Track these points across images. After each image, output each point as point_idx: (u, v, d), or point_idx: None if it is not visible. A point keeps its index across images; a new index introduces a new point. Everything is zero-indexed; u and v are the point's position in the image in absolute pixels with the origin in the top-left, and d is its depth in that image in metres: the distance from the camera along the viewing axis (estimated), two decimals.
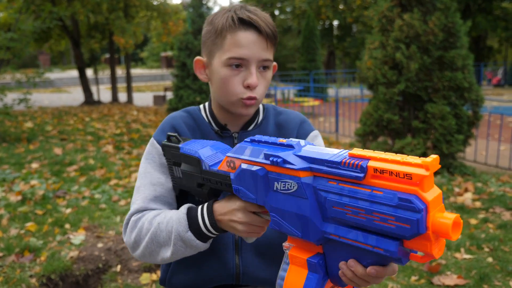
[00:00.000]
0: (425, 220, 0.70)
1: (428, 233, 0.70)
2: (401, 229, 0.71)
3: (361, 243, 0.79)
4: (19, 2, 11.47)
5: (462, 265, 3.22)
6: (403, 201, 0.71)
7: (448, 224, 0.69)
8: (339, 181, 0.81)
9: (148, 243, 1.18)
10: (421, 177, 0.70)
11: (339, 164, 0.81)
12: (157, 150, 1.30)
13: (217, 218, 1.10)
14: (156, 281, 3.08)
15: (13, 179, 5.59)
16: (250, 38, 1.19)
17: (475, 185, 5.13)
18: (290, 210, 0.89)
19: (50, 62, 43.37)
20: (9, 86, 9.51)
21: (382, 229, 0.75)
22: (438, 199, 0.72)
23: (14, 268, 3.12)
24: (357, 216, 0.77)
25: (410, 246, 0.74)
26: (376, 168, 0.75)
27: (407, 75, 5.61)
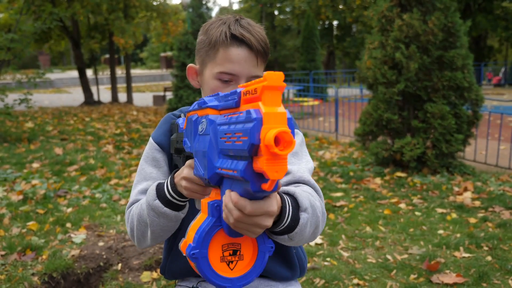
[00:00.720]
0: (258, 131, 0.70)
1: (261, 146, 0.70)
2: (244, 143, 0.72)
3: (228, 169, 0.80)
4: (20, 3, 11.50)
5: (461, 264, 3.24)
6: (248, 113, 0.73)
7: (271, 135, 0.69)
8: (228, 113, 0.85)
9: (138, 226, 1.24)
10: (261, 88, 0.72)
11: (228, 96, 0.86)
12: (152, 145, 1.35)
13: (175, 181, 1.13)
14: (156, 279, 3.10)
15: (14, 178, 5.61)
16: (241, 54, 1.22)
17: (474, 185, 5.15)
18: (201, 150, 0.93)
19: (50, 63, 43.38)
20: (9, 87, 9.54)
21: (237, 148, 0.75)
22: (280, 117, 0.72)
23: (16, 267, 3.14)
24: (229, 142, 0.79)
25: (256, 167, 0.73)
26: (245, 91, 0.78)
27: (406, 75, 5.63)
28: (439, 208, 4.48)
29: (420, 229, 3.94)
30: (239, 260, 0.93)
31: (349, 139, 8.65)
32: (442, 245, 3.57)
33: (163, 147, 1.34)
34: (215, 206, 0.90)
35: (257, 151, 0.72)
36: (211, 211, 0.90)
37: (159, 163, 1.34)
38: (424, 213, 4.35)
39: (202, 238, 0.88)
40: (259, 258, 0.95)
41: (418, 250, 3.50)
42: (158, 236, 1.23)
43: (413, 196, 4.86)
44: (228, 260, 0.92)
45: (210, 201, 0.92)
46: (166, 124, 1.37)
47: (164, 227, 1.20)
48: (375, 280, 3.07)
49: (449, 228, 3.95)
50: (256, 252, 0.95)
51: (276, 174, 0.71)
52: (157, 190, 1.17)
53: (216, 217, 0.90)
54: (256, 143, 0.70)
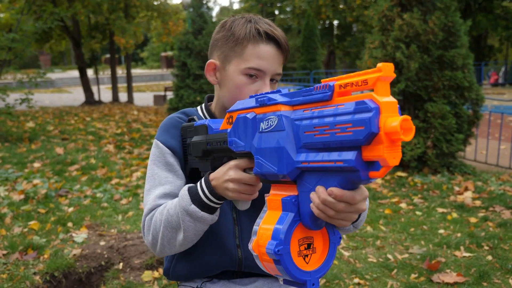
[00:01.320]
0: (377, 120, 0.73)
1: (380, 134, 0.73)
2: (357, 132, 0.75)
3: (326, 161, 0.82)
4: (21, 3, 11.50)
5: (462, 263, 3.24)
6: (359, 104, 0.75)
7: (395, 123, 0.71)
8: (312, 108, 0.87)
9: (164, 232, 1.22)
10: (375, 79, 0.75)
11: (312, 91, 0.87)
12: (161, 150, 1.34)
13: (213, 184, 1.13)
14: (158, 278, 3.11)
15: (15, 178, 5.62)
16: (270, 51, 1.25)
17: (475, 184, 5.16)
18: (270, 146, 0.94)
19: (50, 62, 43.39)
20: (10, 86, 9.55)
21: (342, 140, 0.77)
22: (393, 105, 0.75)
23: (18, 266, 3.15)
24: (323, 135, 0.81)
25: (367, 155, 0.76)
26: (341, 84, 0.81)
27: (407, 75, 5.64)
28: (439, 207, 4.48)
29: (420, 229, 3.95)
30: (312, 253, 0.95)
31: None
32: (442, 245, 3.57)
33: (175, 151, 1.33)
34: (293, 201, 0.92)
35: (372, 140, 0.75)
36: (290, 207, 0.91)
37: (173, 167, 1.33)
38: (424, 213, 4.35)
39: (285, 234, 0.89)
40: (330, 249, 0.97)
41: (418, 249, 3.51)
42: (190, 241, 1.22)
43: (413, 196, 4.87)
44: (304, 254, 0.93)
45: (285, 197, 0.93)
46: (175, 129, 1.36)
47: (198, 231, 1.20)
48: (375, 279, 3.07)
49: (449, 227, 3.96)
50: (327, 243, 0.97)
51: (394, 160, 0.75)
52: (191, 194, 1.16)
53: (295, 212, 0.91)
54: (376, 132, 0.73)
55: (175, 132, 1.35)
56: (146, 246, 3.51)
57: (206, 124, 1.21)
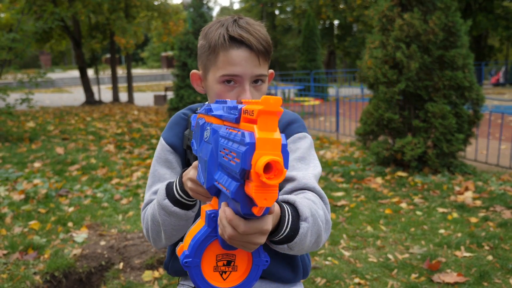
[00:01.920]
0: (250, 157, 0.69)
1: (251, 171, 0.69)
2: (236, 165, 0.72)
3: (221, 184, 0.79)
4: (21, 3, 11.50)
5: (462, 263, 3.24)
6: (242, 136, 0.72)
7: (260, 163, 0.67)
8: (229, 126, 0.84)
9: (152, 226, 1.25)
10: (257, 112, 0.70)
11: (232, 109, 0.85)
12: (163, 146, 1.37)
13: (183, 181, 1.13)
14: (158, 278, 3.11)
15: (16, 178, 5.62)
16: (242, 55, 1.20)
17: (475, 184, 5.15)
18: (203, 158, 0.93)
19: (51, 62, 43.39)
20: (11, 86, 9.55)
21: (231, 168, 0.75)
22: (274, 143, 0.70)
23: (18, 266, 3.15)
24: (226, 158, 0.78)
25: (247, 191, 0.73)
26: (245, 109, 0.77)
27: (407, 75, 5.63)
28: (440, 207, 4.48)
29: (421, 229, 3.95)
30: (232, 271, 0.93)
31: (350, 138, 8.65)
32: (443, 245, 3.57)
33: (175, 148, 1.35)
34: (211, 216, 0.90)
35: (248, 176, 0.71)
36: (208, 221, 0.90)
37: (171, 165, 1.35)
38: (425, 213, 4.35)
39: (196, 248, 0.88)
40: (252, 270, 0.94)
41: (419, 249, 3.51)
42: (171, 235, 1.23)
43: (414, 196, 4.86)
44: (221, 270, 0.92)
45: (208, 210, 0.91)
46: (178, 126, 1.37)
47: (176, 226, 1.20)
48: (376, 279, 3.07)
49: (450, 227, 3.96)
50: (251, 264, 0.94)
51: (265, 201, 0.70)
52: (167, 189, 1.18)
53: (212, 227, 0.90)
54: (247, 169, 0.69)
55: (178, 129, 1.37)
56: (146, 246, 3.51)
57: (190, 120, 1.22)
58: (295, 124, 1.35)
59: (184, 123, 1.37)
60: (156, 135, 9.27)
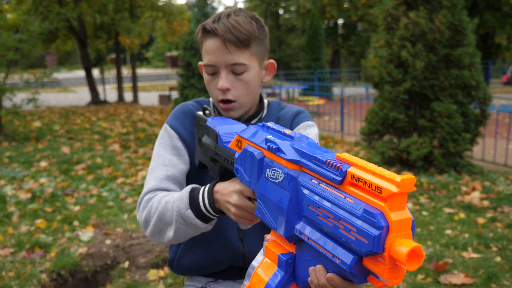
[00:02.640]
0: (383, 240, 0.66)
1: (384, 254, 0.66)
2: (360, 243, 0.68)
3: (323, 248, 0.76)
4: (28, 4, 11.55)
5: (470, 264, 3.22)
6: (367, 213, 0.68)
7: (403, 251, 0.64)
8: (320, 181, 0.79)
9: (156, 222, 1.22)
10: (390, 194, 0.66)
11: (324, 163, 0.79)
12: (169, 133, 1.36)
13: (216, 197, 1.11)
14: (163, 277, 3.11)
15: (22, 177, 5.64)
16: (213, 45, 1.26)
17: (483, 184, 5.12)
18: (273, 200, 0.89)
19: (57, 62, 43.52)
20: (17, 86, 9.60)
21: (344, 239, 0.71)
22: (405, 223, 0.68)
23: (25, 264, 3.16)
24: (326, 221, 0.75)
25: (368, 266, 0.70)
26: (353, 174, 0.73)
27: (413, 74, 5.61)
28: (446, 208, 4.46)
29: (427, 229, 3.93)
30: None
31: (354, 138, 8.63)
32: (450, 245, 3.55)
33: (183, 138, 1.34)
34: (289, 262, 0.87)
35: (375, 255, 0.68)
36: (285, 267, 0.87)
37: (179, 152, 1.34)
38: (431, 213, 4.33)
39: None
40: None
41: (425, 250, 3.49)
42: (178, 240, 1.22)
43: (420, 196, 4.84)
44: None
45: (282, 255, 0.88)
46: (186, 116, 1.37)
47: (188, 235, 1.19)
48: None
49: (457, 228, 3.93)
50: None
51: (395, 281, 0.69)
52: (191, 199, 1.15)
53: (289, 273, 0.87)
54: (379, 252, 0.66)
55: (186, 120, 1.37)
56: (151, 245, 3.51)
57: (217, 133, 1.16)
58: (303, 113, 1.41)
59: (192, 115, 1.37)
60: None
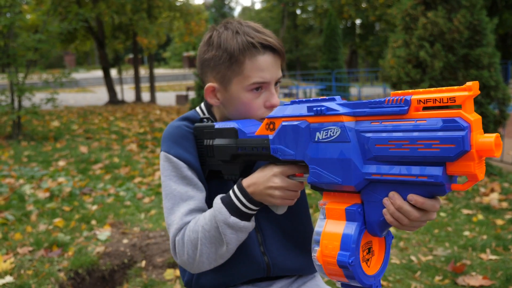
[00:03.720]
0: (469, 138, 0.75)
1: (472, 151, 0.75)
2: (447, 150, 0.76)
3: (405, 175, 0.83)
4: (47, 5, 11.71)
5: (488, 266, 3.17)
6: (447, 122, 0.77)
7: (491, 141, 0.75)
8: (382, 120, 0.86)
9: (202, 249, 1.17)
10: (464, 98, 0.76)
11: (383, 103, 0.86)
12: (175, 164, 1.27)
13: (251, 191, 1.11)
14: (180, 277, 3.13)
15: (41, 176, 5.73)
16: (269, 60, 1.20)
17: (501, 185, 5.05)
18: (331, 157, 0.93)
19: (75, 63, 44.10)
20: (36, 86, 9.73)
21: (426, 155, 0.79)
22: (478, 122, 0.78)
23: (43, 262, 3.21)
24: (401, 149, 0.82)
25: (453, 171, 0.78)
26: (419, 99, 0.81)
27: (431, 74, 5.55)
28: (465, 209, 4.40)
29: (445, 230, 3.89)
30: (372, 256, 0.97)
31: None
32: (468, 247, 3.51)
33: (191, 164, 1.26)
34: (359, 211, 0.92)
35: (461, 157, 0.77)
36: (356, 216, 0.92)
37: (191, 181, 1.26)
38: (449, 214, 4.28)
39: (355, 245, 0.90)
40: (387, 249, 0.99)
41: (443, 251, 3.45)
42: (231, 252, 1.19)
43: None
44: (366, 258, 0.95)
45: (350, 207, 0.93)
46: (186, 140, 1.30)
47: (240, 241, 1.18)
48: (399, 281, 3.03)
49: (475, 229, 3.88)
50: (383, 244, 0.99)
51: (482, 175, 0.78)
52: (227, 206, 1.13)
53: (361, 221, 0.92)
54: (468, 150, 0.75)
55: (187, 144, 1.29)
56: (168, 244, 3.53)
57: (236, 128, 1.17)
58: None
59: (192, 137, 1.30)
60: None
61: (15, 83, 8.69)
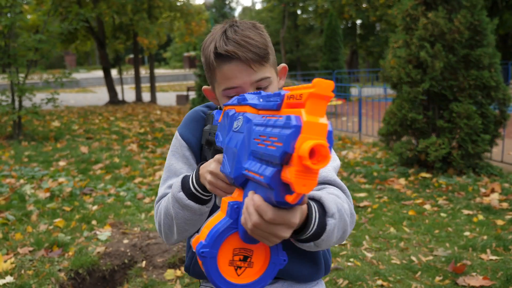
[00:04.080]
0: (294, 140, 0.67)
1: (293, 155, 0.67)
2: (277, 149, 0.69)
3: (254, 173, 0.77)
4: (48, 5, 11.72)
5: (488, 266, 3.17)
6: (287, 119, 0.69)
7: (306, 147, 0.65)
8: (266, 114, 0.82)
9: (164, 220, 1.25)
10: (307, 95, 0.68)
11: (271, 97, 0.83)
12: (180, 142, 1.35)
13: (200, 173, 1.13)
14: (180, 277, 3.13)
15: (41, 176, 5.73)
16: (234, 69, 1.19)
17: (502, 186, 5.04)
18: (232, 147, 0.91)
19: (76, 63, 44.11)
20: (37, 86, 9.75)
21: (269, 153, 0.72)
22: (320, 128, 0.68)
23: (43, 262, 3.21)
24: (261, 145, 0.76)
25: (283, 177, 0.70)
26: (289, 95, 0.75)
27: (431, 74, 5.55)
28: (465, 209, 4.40)
29: (445, 231, 3.88)
30: (248, 267, 0.90)
31: (372, 139, 8.57)
32: (468, 247, 3.51)
33: (191, 145, 1.34)
34: (234, 207, 0.87)
35: (289, 160, 0.69)
36: (230, 212, 0.87)
37: (188, 161, 1.34)
38: (449, 215, 4.28)
39: (214, 238, 0.86)
40: (269, 269, 0.91)
41: (443, 252, 3.45)
42: (183, 230, 1.22)
43: (438, 197, 4.79)
44: (236, 265, 0.89)
45: (230, 201, 0.89)
46: (195, 123, 1.35)
47: (189, 221, 1.19)
48: (399, 281, 3.03)
49: (475, 230, 3.88)
50: (268, 262, 0.91)
51: (304, 188, 0.68)
52: (182, 182, 1.18)
53: (233, 219, 0.87)
54: (289, 152, 0.67)
55: (195, 126, 1.35)
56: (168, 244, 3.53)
57: (213, 114, 1.22)
58: None
59: (202, 121, 1.36)
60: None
61: (16, 83, 8.69)
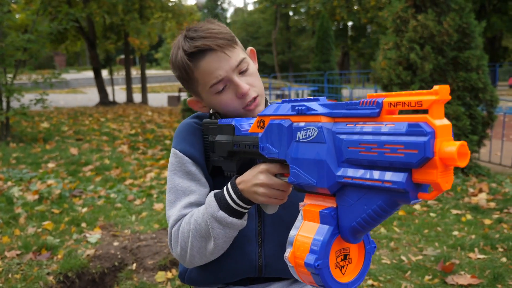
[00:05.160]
0: (432, 145, 0.72)
1: (435, 158, 0.72)
2: (410, 156, 0.73)
3: (372, 180, 0.80)
4: (37, 4, 11.63)
5: (476, 265, 3.20)
6: (412, 126, 0.74)
7: (453, 149, 0.70)
8: (357, 122, 0.85)
9: (193, 242, 1.19)
10: (431, 102, 0.73)
11: (357, 105, 0.85)
12: (180, 159, 1.30)
13: (241, 188, 1.12)
14: (171, 279, 3.12)
15: (30, 178, 5.68)
16: (211, 61, 1.21)
17: (489, 186, 5.09)
18: (308, 158, 0.93)
19: (65, 63, 43.83)
20: (26, 87, 9.65)
21: (392, 161, 0.76)
22: (447, 128, 0.74)
23: (31, 266, 3.18)
24: (370, 152, 0.79)
25: (418, 178, 0.75)
26: (390, 102, 0.79)
27: (421, 76, 5.59)
28: (454, 209, 4.44)
29: (435, 230, 3.92)
30: (348, 264, 0.95)
31: None
32: (457, 246, 3.54)
33: (196, 159, 1.30)
34: (332, 214, 0.90)
35: (425, 164, 0.73)
36: (329, 220, 0.90)
37: (195, 176, 1.29)
38: (439, 214, 4.31)
39: (324, 248, 0.89)
40: (366, 258, 0.97)
41: (433, 251, 3.48)
42: (220, 249, 1.20)
43: None
44: (340, 265, 0.93)
45: (323, 210, 0.91)
46: (193, 136, 1.32)
47: (228, 238, 1.18)
48: (389, 281, 3.05)
49: (464, 229, 3.92)
50: (362, 253, 0.97)
51: (447, 184, 0.74)
52: (218, 200, 1.15)
53: (334, 225, 0.90)
54: (430, 157, 0.72)
55: (194, 139, 1.32)
56: (159, 246, 3.52)
57: (233, 125, 1.19)
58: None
59: (199, 132, 1.33)
60: (169, 136, 9.31)
61: (4, 84, 8.60)
